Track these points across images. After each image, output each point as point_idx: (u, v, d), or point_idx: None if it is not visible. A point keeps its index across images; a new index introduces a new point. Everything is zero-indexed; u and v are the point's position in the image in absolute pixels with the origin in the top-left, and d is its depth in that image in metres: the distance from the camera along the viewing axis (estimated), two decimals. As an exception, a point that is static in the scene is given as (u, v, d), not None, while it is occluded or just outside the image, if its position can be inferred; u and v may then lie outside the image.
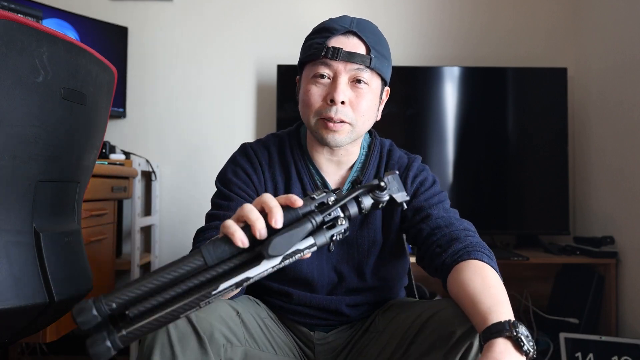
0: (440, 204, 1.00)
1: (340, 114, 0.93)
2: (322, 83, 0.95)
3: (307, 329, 1.04)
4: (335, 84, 0.93)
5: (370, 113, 0.98)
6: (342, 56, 0.92)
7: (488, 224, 2.14)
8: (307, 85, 0.96)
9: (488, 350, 0.70)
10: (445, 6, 2.35)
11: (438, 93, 2.16)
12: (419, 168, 1.05)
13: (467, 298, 0.80)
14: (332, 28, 0.95)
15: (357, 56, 0.92)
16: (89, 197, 1.60)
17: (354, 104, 0.94)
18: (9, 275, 0.96)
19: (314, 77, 0.95)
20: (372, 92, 0.96)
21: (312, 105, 0.95)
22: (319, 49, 0.94)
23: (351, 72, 0.93)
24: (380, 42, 0.97)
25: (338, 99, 0.92)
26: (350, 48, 0.93)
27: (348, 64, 0.93)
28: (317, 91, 0.95)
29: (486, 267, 0.85)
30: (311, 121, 0.96)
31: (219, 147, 2.31)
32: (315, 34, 0.97)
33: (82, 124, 1.12)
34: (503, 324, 0.72)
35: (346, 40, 0.94)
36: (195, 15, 2.34)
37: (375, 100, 0.99)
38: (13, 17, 0.90)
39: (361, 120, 0.96)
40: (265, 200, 0.63)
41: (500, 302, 0.77)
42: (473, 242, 0.91)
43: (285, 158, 1.05)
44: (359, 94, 0.94)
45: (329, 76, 0.94)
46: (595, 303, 1.95)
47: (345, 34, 0.94)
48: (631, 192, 1.89)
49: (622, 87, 1.96)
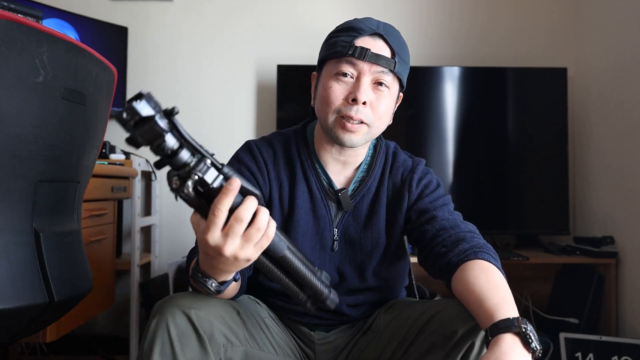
0: (445, 207, 1.01)
1: (361, 114, 0.93)
2: (344, 81, 0.94)
3: (308, 329, 1.04)
4: (359, 84, 0.93)
5: (387, 116, 0.99)
6: (369, 57, 0.92)
7: (488, 224, 2.14)
8: (328, 82, 0.95)
9: (495, 345, 0.70)
10: (445, 6, 2.35)
11: (438, 93, 2.16)
12: (424, 171, 1.06)
13: (473, 296, 0.80)
14: (360, 28, 0.94)
15: (383, 59, 0.93)
16: (89, 197, 1.60)
17: (374, 106, 0.94)
18: (9, 275, 0.96)
19: (336, 74, 0.95)
20: (391, 96, 0.97)
21: (332, 103, 0.94)
22: (345, 47, 0.93)
23: (375, 74, 0.94)
24: (403, 48, 0.98)
25: (361, 99, 0.92)
26: (377, 50, 0.93)
27: (373, 66, 0.93)
28: (338, 89, 0.94)
29: (492, 267, 0.86)
30: (329, 118, 0.95)
31: (219, 147, 2.30)
32: (341, 32, 0.97)
33: (82, 124, 1.12)
34: (512, 320, 0.72)
35: (373, 42, 0.94)
36: (195, 15, 2.34)
37: (392, 105, 0.99)
38: (13, 17, 0.90)
39: (378, 122, 0.96)
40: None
41: (507, 301, 0.77)
42: (480, 243, 0.91)
43: (290, 156, 1.04)
44: (379, 96, 0.95)
45: (352, 75, 0.94)
46: (595, 303, 1.95)
47: (372, 35, 0.94)
48: (631, 192, 1.89)
49: (622, 87, 1.96)
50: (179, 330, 0.79)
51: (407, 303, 1.02)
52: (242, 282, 0.91)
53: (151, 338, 0.79)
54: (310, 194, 1.02)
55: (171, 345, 0.79)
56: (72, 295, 1.12)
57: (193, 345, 0.80)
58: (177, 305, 0.81)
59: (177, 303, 0.82)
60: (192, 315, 0.80)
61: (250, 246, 0.65)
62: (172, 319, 0.80)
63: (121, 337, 2.22)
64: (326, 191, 1.02)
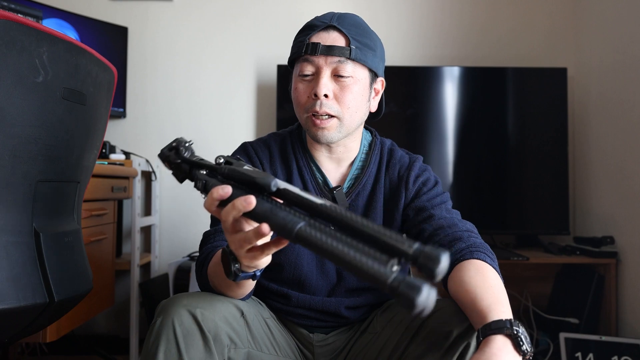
0: (443, 205, 1.00)
1: (325, 107, 0.94)
2: (307, 80, 0.97)
3: (307, 331, 1.04)
4: (317, 79, 0.95)
5: (358, 105, 0.97)
6: (320, 50, 0.94)
7: (488, 224, 2.14)
8: (295, 84, 1.00)
9: (486, 346, 0.70)
10: (445, 6, 2.35)
11: (438, 93, 2.16)
12: (421, 168, 1.05)
13: (467, 295, 0.80)
14: (314, 25, 0.97)
15: (335, 49, 0.94)
16: (89, 197, 1.60)
17: (339, 97, 0.95)
18: (9, 275, 0.96)
19: (300, 75, 0.98)
20: (357, 84, 0.96)
21: (300, 103, 0.98)
22: (300, 47, 0.96)
23: (332, 65, 0.94)
24: (363, 33, 0.97)
25: (320, 93, 0.94)
26: (330, 42, 0.94)
27: (328, 58, 0.94)
28: (303, 88, 0.98)
29: (488, 267, 0.85)
30: (302, 118, 0.99)
31: (219, 147, 2.30)
32: (300, 32, 1.00)
33: (82, 124, 1.12)
34: (504, 321, 0.72)
35: (326, 35, 0.95)
36: (195, 15, 2.34)
37: (364, 92, 0.98)
38: (13, 17, 0.90)
39: (348, 113, 0.96)
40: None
41: (501, 302, 0.77)
42: (476, 242, 0.91)
43: (286, 155, 1.05)
44: (342, 87, 0.95)
45: (312, 72, 0.96)
46: (595, 303, 1.95)
47: (325, 29, 0.96)
48: (631, 192, 1.89)
49: (622, 86, 1.96)
50: (184, 329, 0.79)
51: None
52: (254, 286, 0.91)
53: (156, 336, 0.79)
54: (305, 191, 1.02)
55: (176, 344, 0.79)
56: (72, 295, 1.12)
57: (198, 344, 0.80)
58: (183, 304, 0.81)
59: (182, 302, 0.82)
60: (198, 314, 0.80)
61: (229, 219, 0.64)
62: (178, 318, 0.80)
63: (121, 337, 2.22)
64: (321, 189, 1.03)
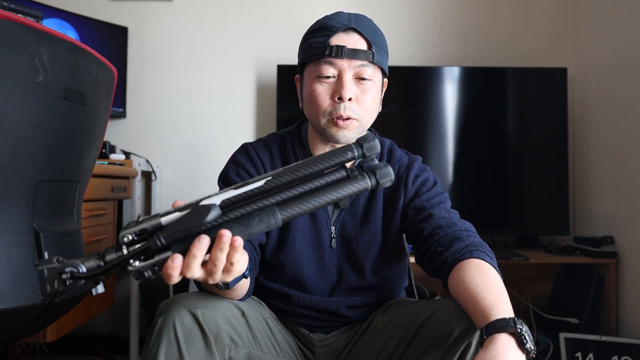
0: (442, 205, 1.00)
1: (348, 111, 0.94)
2: (327, 82, 0.95)
3: (307, 331, 1.04)
4: (342, 82, 0.93)
5: (374, 107, 0.99)
6: (346, 54, 0.92)
7: (488, 224, 2.14)
8: (312, 85, 0.96)
9: (490, 344, 0.70)
10: (445, 6, 2.35)
11: (438, 93, 2.16)
12: (420, 168, 1.05)
13: (468, 295, 0.80)
14: (332, 26, 0.95)
15: (360, 52, 0.93)
16: (89, 197, 1.60)
17: (360, 100, 0.95)
18: (9, 275, 0.96)
19: (318, 76, 0.95)
20: (375, 87, 0.97)
21: (320, 105, 0.95)
22: (321, 48, 0.94)
23: (355, 68, 0.94)
24: (379, 36, 0.97)
25: (346, 96, 0.93)
26: (353, 45, 0.93)
27: (352, 61, 0.93)
28: (323, 90, 0.95)
29: (488, 266, 0.86)
30: (321, 121, 0.96)
31: (219, 147, 2.31)
32: (315, 32, 0.97)
33: (82, 124, 1.12)
34: (507, 320, 0.72)
35: (347, 38, 0.94)
36: (195, 15, 2.34)
37: (378, 94, 1.00)
38: (13, 17, 0.90)
39: (367, 115, 0.97)
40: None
41: (502, 300, 0.77)
42: (476, 242, 0.91)
43: (287, 156, 1.05)
44: (364, 90, 0.95)
45: (334, 74, 0.95)
46: (595, 303, 1.95)
47: (345, 30, 0.94)
48: (631, 192, 1.89)
49: (622, 86, 1.96)
50: (185, 329, 0.79)
51: (405, 303, 1.01)
52: (251, 284, 0.91)
53: (157, 336, 0.79)
54: None
55: (177, 344, 0.79)
56: (72, 295, 1.12)
57: (199, 344, 0.80)
58: (184, 304, 0.82)
59: (183, 302, 0.82)
60: (199, 314, 0.80)
61: (220, 263, 0.59)
62: (179, 318, 0.80)
63: (121, 337, 2.22)
64: None
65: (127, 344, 2.07)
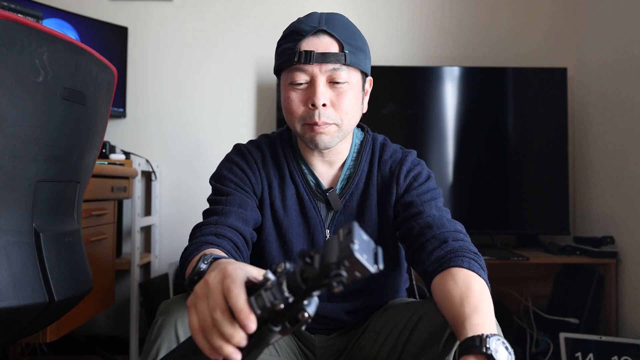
0: (433, 202, 0.97)
1: (324, 117, 0.92)
2: (300, 89, 0.93)
3: (309, 332, 1.04)
4: (314, 88, 0.91)
5: (354, 109, 0.96)
6: (315, 59, 0.90)
7: (488, 224, 2.14)
8: (286, 93, 0.95)
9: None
10: (445, 6, 2.35)
11: (438, 93, 2.16)
12: (413, 162, 1.03)
13: (446, 309, 0.80)
14: (302, 30, 0.92)
15: (330, 56, 0.90)
16: (89, 197, 1.60)
17: (336, 104, 0.92)
18: (9, 275, 0.96)
19: (291, 83, 0.93)
20: (352, 89, 0.94)
21: (294, 112, 0.94)
22: (291, 55, 0.91)
23: (328, 72, 0.91)
24: (353, 35, 0.94)
25: (319, 103, 0.91)
26: (323, 48, 0.90)
27: (323, 65, 0.91)
28: (297, 97, 0.93)
29: (467, 274, 0.82)
30: (297, 127, 0.95)
31: (219, 147, 2.30)
32: (286, 37, 0.95)
33: (82, 124, 1.12)
34: (474, 339, 0.70)
35: (317, 41, 0.91)
36: (195, 15, 2.34)
37: (358, 95, 0.97)
38: (13, 17, 0.90)
39: (346, 119, 0.94)
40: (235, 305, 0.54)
41: (477, 311, 0.74)
42: (456, 246, 0.88)
43: (277, 159, 1.04)
44: (339, 94, 0.93)
45: (306, 81, 0.92)
46: (595, 303, 1.95)
47: (315, 34, 0.91)
48: (631, 192, 1.89)
49: (622, 86, 1.96)
50: (185, 329, 0.79)
51: (402, 303, 1.01)
52: None
53: (157, 336, 0.79)
54: (298, 196, 1.01)
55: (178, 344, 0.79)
56: (72, 295, 1.12)
57: None
58: (185, 304, 0.81)
59: (184, 302, 0.82)
60: None
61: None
62: (180, 318, 0.80)
63: (121, 337, 2.22)
64: (314, 192, 1.01)
65: (127, 344, 2.07)
